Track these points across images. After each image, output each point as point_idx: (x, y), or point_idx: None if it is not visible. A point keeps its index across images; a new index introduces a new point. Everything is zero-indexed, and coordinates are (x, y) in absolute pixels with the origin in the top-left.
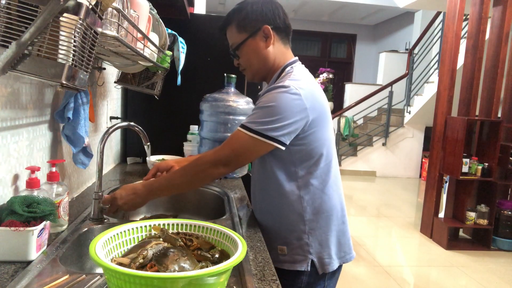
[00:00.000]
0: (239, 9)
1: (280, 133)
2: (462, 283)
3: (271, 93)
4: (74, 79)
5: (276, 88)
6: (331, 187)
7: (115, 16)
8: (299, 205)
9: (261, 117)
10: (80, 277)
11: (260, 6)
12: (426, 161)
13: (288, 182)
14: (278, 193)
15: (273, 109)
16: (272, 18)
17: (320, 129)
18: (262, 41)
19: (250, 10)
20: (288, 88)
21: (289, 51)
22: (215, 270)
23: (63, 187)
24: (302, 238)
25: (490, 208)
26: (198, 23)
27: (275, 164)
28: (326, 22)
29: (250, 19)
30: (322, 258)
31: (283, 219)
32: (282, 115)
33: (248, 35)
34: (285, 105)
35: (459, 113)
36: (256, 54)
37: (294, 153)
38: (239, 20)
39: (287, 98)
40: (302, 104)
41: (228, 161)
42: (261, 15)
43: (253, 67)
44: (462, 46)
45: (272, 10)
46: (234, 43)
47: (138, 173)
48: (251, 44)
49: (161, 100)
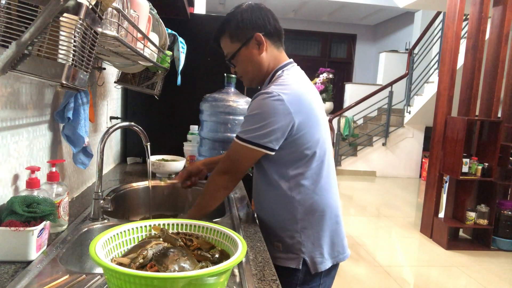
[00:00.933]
0: (229, 20)
1: (268, 140)
2: (462, 283)
3: (255, 100)
4: (74, 79)
5: (260, 95)
6: (323, 187)
7: (115, 16)
8: (290, 205)
9: (249, 126)
10: (80, 277)
11: (249, 14)
12: (426, 161)
13: (280, 182)
14: (272, 193)
15: (258, 116)
16: (262, 25)
17: (309, 130)
18: (255, 48)
19: (240, 19)
20: (270, 94)
21: (282, 54)
22: (215, 270)
23: (63, 187)
24: (294, 237)
25: (490, 208)
26: (198, 23)
27: (268, 166)
28: (326, 22)
29: (242, 28)
30: (313, 258)
31: (277, 218)
32: (266, 121)
33: (241, 44)
34: (269, 111)
35: (459, 113)
36: (251, 62)
37: (285, 155)
38: (231, 30)
39: (270, 104)
40: (286, 108)
41: (227, 169)
42: (251, 23)
43: (249, 74)
44: (462, 46)
45: (262, 17)
46: (229, 53)
47: (138, 173)
48: (245, 52)
49: (161, 100)
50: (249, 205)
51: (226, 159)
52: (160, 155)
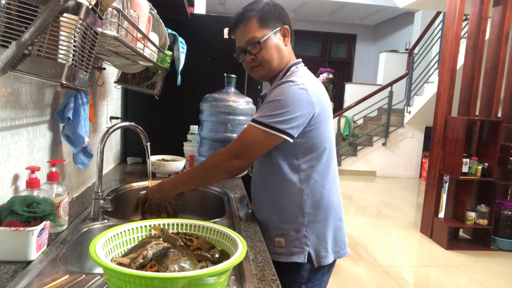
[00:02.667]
0: (260, 5)
1: (289, 126)
2: (462, 283)
3: (279, 87)
4: (74, 79)
5: (283, 83)
6: (330, 182)
7: (115, 16)
8: (299, 198)
9: (271, 111)
10: (80, 277)
11: (279, 7)
12: (426, 161)
13: (291, 174)
14: (281, 185)
15: (282, 103)
16: (287, 19)
17: (323, 125)
18: (281, 39)
19: (272, 7)
20: (295, 82)
21: (293, 54)
22: (215, 270)
23: (63, 187)
24: (300, 230)
25: (490, 208)
26: (198, 23)
27: (280, 157)
28: (326, 22)
29: (273, 16)
30: (318, 251)
31: (284, 211)
32: (290, 108)
33: (271, 31)
34: (293, 99)
35: (459, 113)
36: (278, 51)
37: (298, 146)
38: (263, 14)
39: (295, 91)
40: (309, 98)
41: (239, 154)
42: (280, 15)
43: (272, 63)
44: (462, 46)
45: (284, 12)
46: (255, 37)
47: (138, 173)
48: (273, 40)
49: (161, 100)
50: (249, 205)
51: (239, 143)
52: (160, 155)
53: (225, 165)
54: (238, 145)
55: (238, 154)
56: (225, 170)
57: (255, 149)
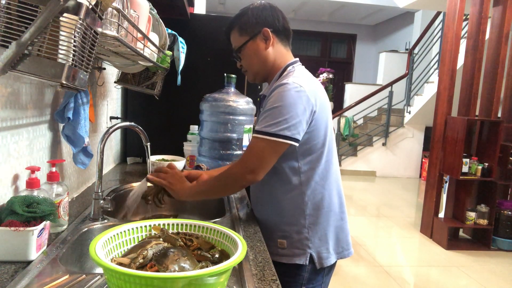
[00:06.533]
0: (241, 14)
1: (295, 131)
2: (462, 283)
3: (276, 93)
4: (74, 79)
5: (279, 86)
6: (331, 183)
7: (115, 16)
8: (300, 200)
9: (273, 119)
10: (80, 277)
11: (260, 11)
12: (426, 161)
13: (292, 176)
14: (282, 187)
15: (282, 109)
16: (271, 22)
17: (322, 124)
18: (262, 42)
19: (250, 14)
20: (291, 85)
21: (289, 53)
22: (215, 270)
23: (63, 187)
24: (302, 232)
25: (490, 208)
26: (198, 23)
27: (280, 159)
28: (326, 22)
29: (251, 22)
30: (320, 253)
31: (285, 213)
32: (291, 113)
33: (248, 37)
34: (292, 103)
35: (459, 113)
36: (256, 55)
37: (298, 148)
38: (241, 24)
39: (292, 95)
40: (307, 99)
41: (254, 168)
42: (260, 19)
43: (254, 67)
44: (462, 46)
45: (272, 15)
46: (236, 46)
47: (138, 173)
48: (251, 46)
49: (161, 100)
50: (249, 205)
51: (250, 158)
52: (160, 155)
53: (241, 183)
54: (250, 159)
55: (253, 169)
56: (242, 186)
57: (267, 160)
